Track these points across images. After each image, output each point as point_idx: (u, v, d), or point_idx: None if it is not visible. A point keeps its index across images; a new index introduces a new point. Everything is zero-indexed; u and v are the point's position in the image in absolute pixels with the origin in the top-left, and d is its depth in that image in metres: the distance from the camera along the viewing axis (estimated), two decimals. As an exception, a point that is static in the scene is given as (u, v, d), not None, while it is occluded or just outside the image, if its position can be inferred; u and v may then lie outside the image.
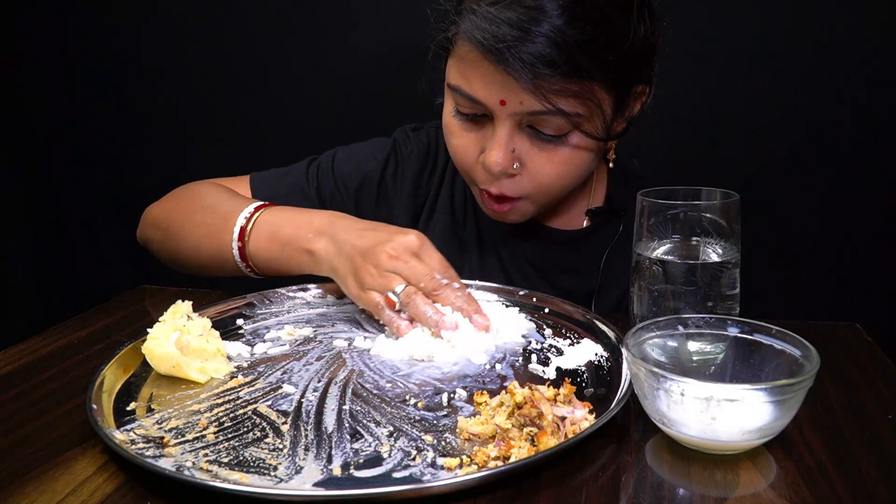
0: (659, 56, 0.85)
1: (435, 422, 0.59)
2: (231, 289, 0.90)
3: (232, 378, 0.68)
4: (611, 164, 0.96)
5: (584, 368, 0.68)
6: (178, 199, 0.97)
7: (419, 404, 0.62)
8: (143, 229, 0.99)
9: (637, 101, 0.86)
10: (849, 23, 1.34)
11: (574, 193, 0.97)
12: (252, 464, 0.53)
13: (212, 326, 0.72)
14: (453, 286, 0.75)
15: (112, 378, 0.65)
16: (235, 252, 0.85)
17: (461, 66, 0.81)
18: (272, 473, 0.52)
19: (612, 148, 0.93)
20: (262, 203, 0.87)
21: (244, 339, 0.76)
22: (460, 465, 0.52)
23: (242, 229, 0.84)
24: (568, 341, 0.75)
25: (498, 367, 0.69)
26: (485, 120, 0.83)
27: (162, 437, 0.56)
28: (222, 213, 0.87)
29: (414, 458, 0.53)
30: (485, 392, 0.62)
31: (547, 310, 0.82)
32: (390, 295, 0.74)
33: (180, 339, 0.67)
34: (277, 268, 0.85)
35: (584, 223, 0.98)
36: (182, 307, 0.71)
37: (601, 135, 0.81)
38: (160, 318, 0.70)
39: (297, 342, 0.76)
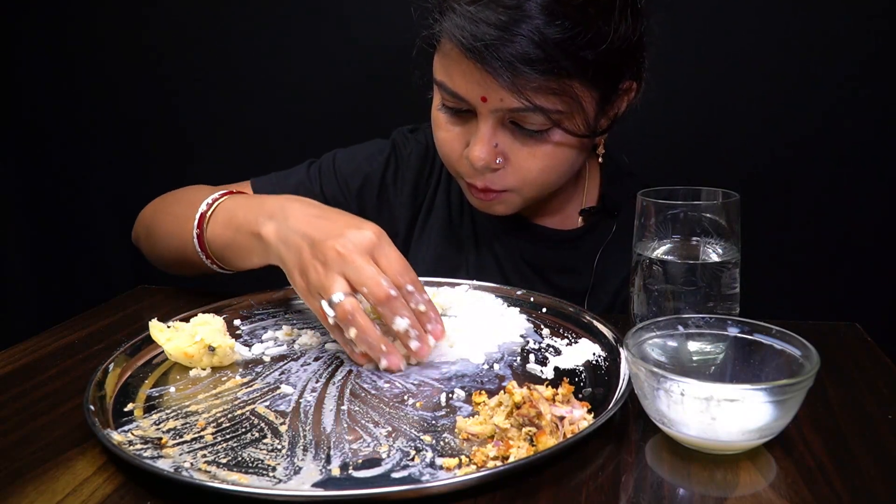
0: (650, 53, 0.85)
1: (433, 422, 0.59)
2: (230, 289, 0.90)
3: (230, 379, 0.68)
4: (600, 160, 0.96)
5: (582, 368, 0.68)
6: (165, 198, 0.97)
7: (417, 404, 0.62)
8: (135, 229, 1.00)
9: (624, 98, 0.87)
10: (849, 22, 1.34)
11: (567, 192, 0.97)
12: (250, 464, 0.53)
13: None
14: (402, 297, 0.66)
15: (110, 379, 0.65)
16: (195, 240, 0.82)
17: (445, 63, 0.82)
18: (271, 474, 0.52)
19: (601, 143, 0.93)
20: (228, 191, 0.85)
21: (242, 340, 0.76)
22: (459, 466, 0.52)
23: (202, 215, 0.82)
24: (566, 341, 0.74)
25: (496, 366, 0.69)
26: (470, 115, 0.83)
27: (160, 438, 0.56)
28: (193, 203, 0.84)
29: (413, 459, 0.53)
30: (483, 392, 0.62)
31: (545, 310, 0.82)
32: (324, 307, 0.66)
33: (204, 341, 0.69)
34: (232, 256, 0.80)
35: (579, 222, 0.99)
36: (208, 319, 0.72)
37: (583, 131, 0.82)
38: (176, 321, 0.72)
39: (295, 342, 0.76)
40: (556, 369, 0.68)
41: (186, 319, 0.73)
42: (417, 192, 1.01)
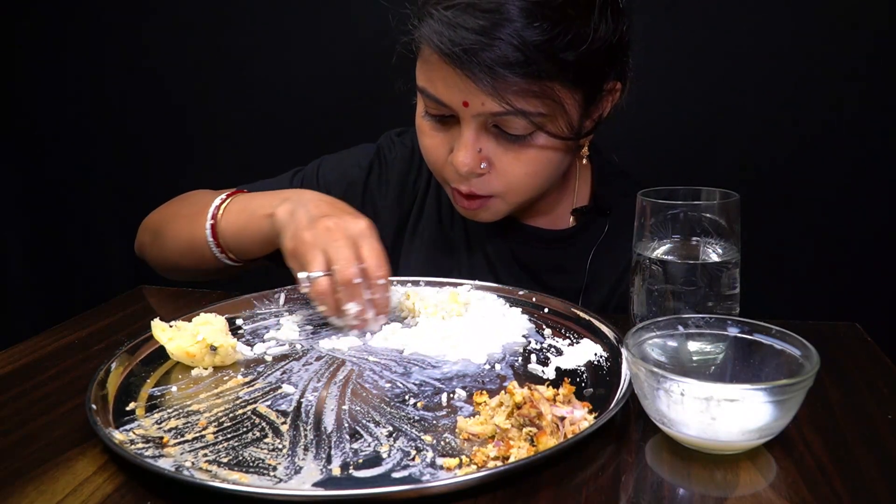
0: (634, 52, 0.85)
1: (434, 422, 0.59)
2: (231, 289, 0.90)
3: (231, 378, 0.68)
4: (584, 161, 0.96)
5: (583, 368, 0.68)
6: (168, 204, 1.01)
7: (418, 404, 0.62)
8: (139, 236, 1.03)
9: (608, 99, 0.86)
10: (849, 22, 1.34)
11: (557, 192, 0.97)
12: (251, 464, 0.53)
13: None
14: (364, 286, 0.73)
15: (111, 378, 0.65)
16: (208, 230, 0.88)
17: (426, 69, 0.82)
18: (271, 473, 0.52)
19: (585, 145, 0.93)
20: (238, 189, 0.93)
21: (243, 339, 0.76)
22: (459, 466, 0.52)
23: (216, 208, 0.89)
24: (567, 341, 0.75)
25: (497, 367, 0.69)
26: (453, 121, 0.83)
27: (161, 437, 0.56)
28: (202, 203, 0.91)
29: (413, 458, 0.53)
30: (484, 392, 0.62)
31: (546, 310, 0.82)
32: (300, 277, 0.73)
33: (206, 340, 0.69)
34: (243, 240, 0.87)
35: (570, 222, 0.98)
36: (210, 318, 0.73)
37: (567, 134, 0.81)
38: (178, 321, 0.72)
39: (297, 342, 0.76)
40: (558, 369, 0.68)
41: (189, 319, 0.73)
42: (404, 196, 1.01)
